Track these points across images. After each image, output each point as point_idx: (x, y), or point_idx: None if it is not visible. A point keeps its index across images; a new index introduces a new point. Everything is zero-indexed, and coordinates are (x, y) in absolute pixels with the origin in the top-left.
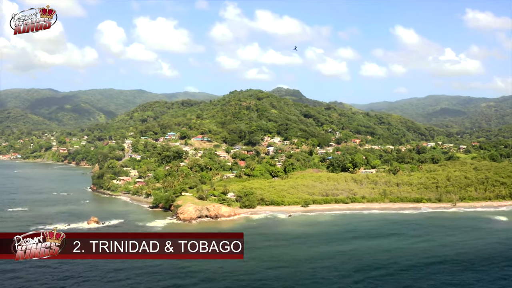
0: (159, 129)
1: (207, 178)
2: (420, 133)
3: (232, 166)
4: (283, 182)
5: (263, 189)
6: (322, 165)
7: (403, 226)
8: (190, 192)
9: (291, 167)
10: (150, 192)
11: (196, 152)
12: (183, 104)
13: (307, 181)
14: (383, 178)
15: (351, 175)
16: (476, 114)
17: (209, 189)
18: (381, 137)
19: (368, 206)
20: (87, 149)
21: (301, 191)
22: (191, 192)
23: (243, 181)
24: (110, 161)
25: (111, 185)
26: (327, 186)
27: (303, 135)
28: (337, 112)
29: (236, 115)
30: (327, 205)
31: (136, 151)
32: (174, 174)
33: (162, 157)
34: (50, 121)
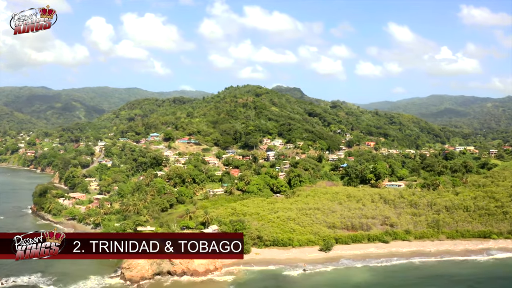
0: (142, 129)
1: (187, 195)
2: (435, 135)
3: (222, 176)
4: (289, 202)
5: (261, 216)
6: (335, 174)
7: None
8: (152, 224)
9: (298, 179)
10: (99, 221)
11: (179, 157)
12: (175, 102)
13: (321, 200)
14: (423, 197)
15: (378, 192)
16: (483, 114)
17: (184, 216)
18: (395, 139)
19: (418, 247)
20: (55, 153)
21: (316, 219)
22: (154, 225)
23: (235, 199)
24: (71, 169)
25: (53, 207)
26: (350, 209)
27: (309, 137)
28: (343, 110)
29: (231, 113)
30: (357, 246)
31: (109, 155)
32: (143, 190)
33: (137, 164)
34: (38, 119)
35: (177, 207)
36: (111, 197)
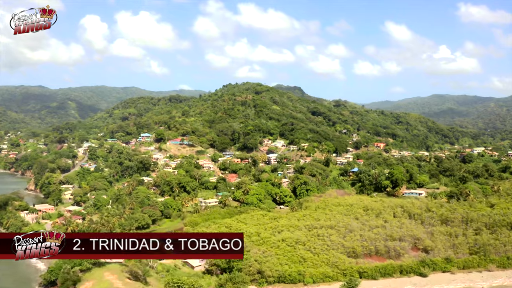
0: (134, 128)
1: (175, 207)
2: (443, 135)
3: (217, 183)
4: (296, 218)
5: (262, 239)
6: (345, 180)
7: None
8: None
9: (304, 188)
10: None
11: (170, 161)
12: (171, 100)
13: (334, 215)
14: (455, 210)
15: (399, 203)
16: (487, 114)
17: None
18: (404, 139)
19: (466, 282)
20: (37, 155)
21: (331, 242)
22: None
23: (231, 213)
24: (47, 174)
25: (11, 223)
26: (370, 227)
27: (314, 137)
28: (347, 109)
29: (228, 112)
30: (388, 282)
31: (94, 158)
32: (123, 200)
33: (123, 168)
34: (32, 119)
35: (162, 223)
36: (86, 209)
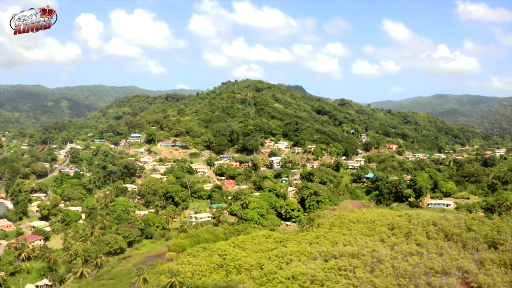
0: (126, 128)
1: (158, 225)
2: (454, 135)
3: (212, 192)
4: (307, 241)
5: (266, 274)
6: (358, 188)
7: None
8: None
9: (315, 199)
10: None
11: (159, 165)
12: (168, 99)
13: (354, 235)
14: (502, 229)
15: (430, 219)
16: (491, 113)
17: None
18: (415, 140)
19: None
20: (16, 157)
21: (357, 280)
22: None
23: (226, 233)
24: (18, 180)
25: None
26: (403, 255)
27: (321, 138)
28: (353, 108)
29: (227, 111)
30: None
31: (76, 161)
32: (97, 215)
33: (106, 173)
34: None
35: (140, 246)
36: (53, 225)
